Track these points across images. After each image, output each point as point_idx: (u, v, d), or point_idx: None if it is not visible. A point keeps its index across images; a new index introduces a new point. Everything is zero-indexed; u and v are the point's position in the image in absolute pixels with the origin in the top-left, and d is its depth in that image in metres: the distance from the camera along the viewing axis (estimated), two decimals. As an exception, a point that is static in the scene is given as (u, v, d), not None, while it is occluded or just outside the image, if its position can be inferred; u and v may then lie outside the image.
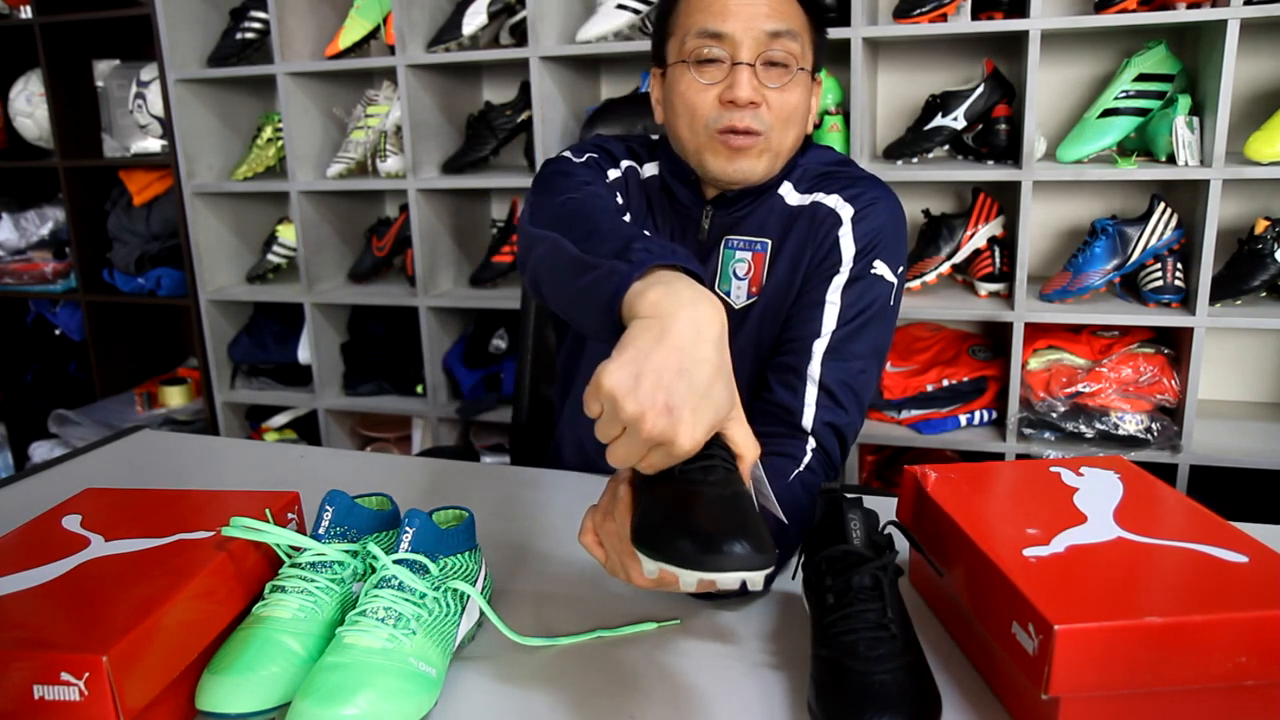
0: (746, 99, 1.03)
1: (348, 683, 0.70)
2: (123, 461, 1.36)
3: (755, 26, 1.03)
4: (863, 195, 1.12)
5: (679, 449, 0.66)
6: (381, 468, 1.33)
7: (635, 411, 0.65)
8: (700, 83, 1.06)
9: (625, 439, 0.67)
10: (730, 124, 1.05)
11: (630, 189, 1.18)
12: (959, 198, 2.23)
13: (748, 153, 1.07)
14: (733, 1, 1.04)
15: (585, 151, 1.17)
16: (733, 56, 1.04)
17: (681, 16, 1.08)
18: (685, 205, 1.15)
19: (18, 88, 2.81)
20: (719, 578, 0.63)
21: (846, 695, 0.69)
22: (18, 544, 0.84)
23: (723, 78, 1.05)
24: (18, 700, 0.65)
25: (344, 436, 2.66)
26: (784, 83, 1.06)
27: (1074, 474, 0.88)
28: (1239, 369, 2.17)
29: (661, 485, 0.70)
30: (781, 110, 1.06)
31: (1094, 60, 2.08)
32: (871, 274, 1.09)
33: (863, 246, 1.09)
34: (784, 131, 1.08)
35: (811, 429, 1.04)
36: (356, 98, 2.51)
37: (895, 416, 2.13)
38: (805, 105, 1.10)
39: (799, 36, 1.06)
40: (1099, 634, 0.63)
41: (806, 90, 1.10)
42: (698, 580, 0.63)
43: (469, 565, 0.84)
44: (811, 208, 1.12)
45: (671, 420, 0.65)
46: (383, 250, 2.52)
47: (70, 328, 3.00)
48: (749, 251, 1.13)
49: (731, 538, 0.63)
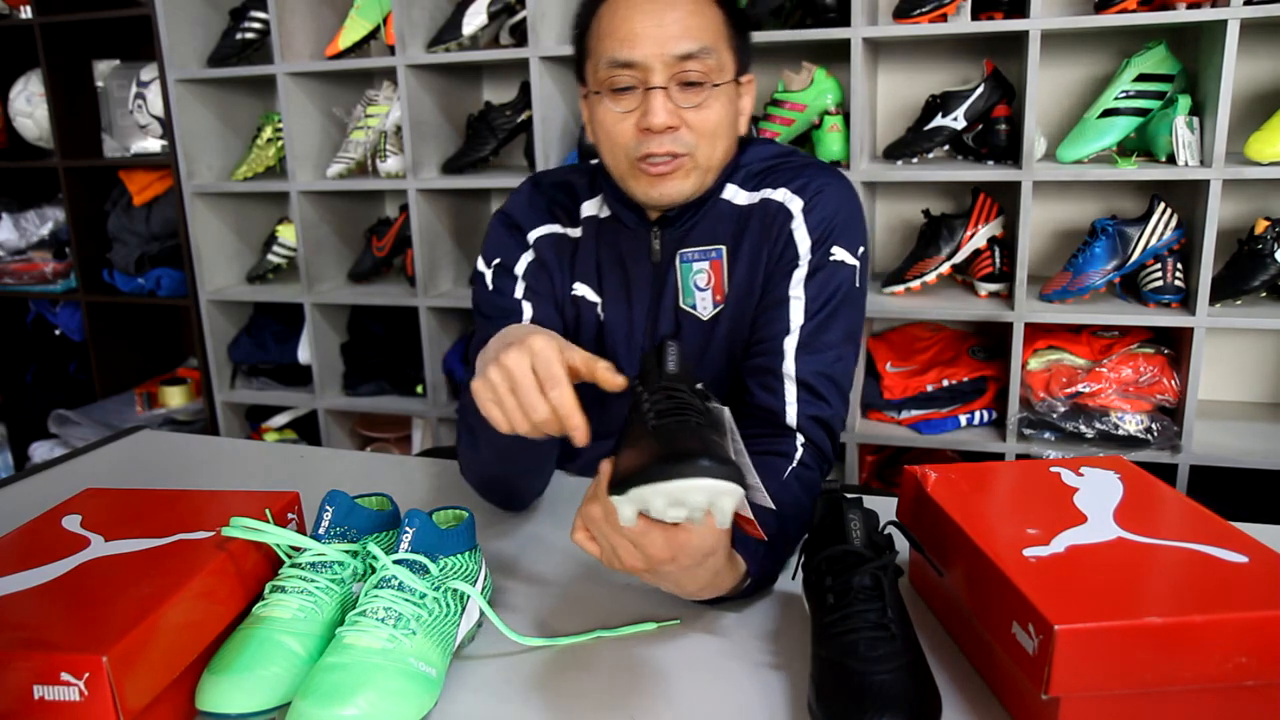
0: (662, 125, 1.01)
1: (348, 683, 0.70)
2: (123, 461, 1.36)
3: (664, 51, 1.01)
4: (810, 184, 1.11)
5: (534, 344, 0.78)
6: (381, 468, 1.33)
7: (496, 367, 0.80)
8: (616, 112, 1.04)
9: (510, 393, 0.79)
10: (649, 151, 1.03)
11: (548, 259, 1.17)
12: (959, 198, 2.23)
13: (672, 176, 1.05)
14: (640, 26, 1.01)
15: (494, 255, 1.17)
16: (645, 83, 1.02)
17: (594, 41, 1.06)
18: (633, 229, 1.14)
19: (18, 88, 2.81)
20: (684, 485, 0.64)
21: (846, 695, 0.69)
22: (18, 544, 0.84)
23: (637, 105, 1.03)
24: (18, 700, 0.65)
25: (344, 436, 2.66)
26: (700, 101, 1.03)
27: (1074, 474, 0.88)
28: (1239, 369, 2.17)
29: (634, 438, 0.71)
30: (703, 128, 1.04)
31: (1094, 60, 2.08)
32: (831, 261, 1.08)
33: (818, 236, 1.09)
34: (711, 147, 1.06)
35: (797, 425, 1.04)
36: (356, 98, 2.51)
37: (895, 416, 2.13)
38: (730, 115, 1.08)
39: (713, 52, 1.03)
40: (1099, 634, 0.63)
41: (729, 100, 1.07)
42: (666, 498, 0.65)
43: (469, 565, 0.84)
44: (761, 205, 1.12)
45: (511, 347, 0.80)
46: (383, 250, 2.52)
47: (70, 328, 3.00)
48: (705, 261, 1.12)
49: (696, 455, 0.64)
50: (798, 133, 2.13)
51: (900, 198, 2.28)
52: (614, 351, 1.16)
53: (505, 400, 0.79)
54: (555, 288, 1.17)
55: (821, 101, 2.07)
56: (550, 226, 1.18)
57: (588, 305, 1.16)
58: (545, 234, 1.18)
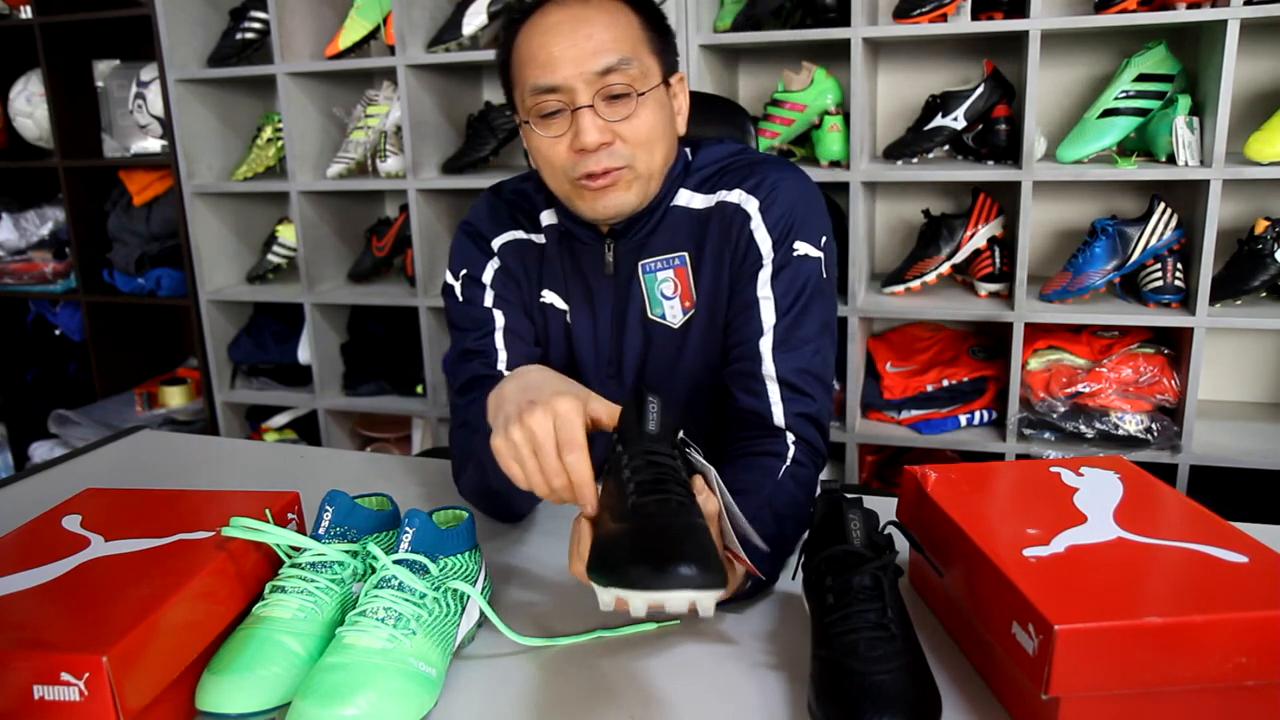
0: (594, 143, 1.00)
1: (348, 683, 0.70)
2: (123, 461, 1.36)
3: (584, 69, 0.99)
4: (764, 182, 1.10)
5: (559, 407, 0.77)
6: (381, 468, 1.33)
7: (516, 418, 0.78)
8: (548, 138, 1.03)
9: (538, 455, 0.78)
10: (586, 170, 1.02)
11: (513, 266, 1.16)
12: (959, 198, 2.23)
13: (614, 189, 1.04)
14: (556, 49, 1.00)
15: (461, 265, 1.17)
16: (571, 104, 1.01)
17: (516, 70, 1.06)
18: (586, 243, 1.14)
19: (18, 88, 2.81)
20: (666, 597, 0.64)
21: (846, 695, 0.69)
22: (18, 544, 0.84)
23: (568, 127, 1.02)
24: (18, 700, 0.65)
25: (344, 436, 2.66)
26: (630, 112, 1.02)
27: (1074, 474, 0.88)
28: (1239, 369, 2.17)
29: (614, 519, 0.72)
30: (636, 137, 1.03)
31: (1094, 60, 2.08)
32: (795, 257, 1.08)
33: (778, 235, 1.08)
34: (649, 154, 1.05)
35: (785, 424, 1.04)
36: (356, 98, 2.51)
37: (895, 416, 2.13)
38: (663, 119, 1.06)
39: (634, 61, 1.01)
40: (1099, 634, 0.63)
41: (660, 105, 1.05)
42: (646, 602, 0.65)
43: (469, 565, 0.84)
44: (718, 208, 1.11)
45: (537, 402, 0.78)
46: (383, 250, 2.52)
47: (70, 328, 3.00)
48: (669, 269, 1.12)
49: (679, 560, 0.64)
50: (798, 133, 2.13)
51: (900, 198, 2.28)
52: (582, 360, 1.16)
53: (527, 462, 0.78)
54: (524, 294, 1.17)
55: (821, 101, 2.07)
56: (513, 233, 1.17)
57: (555, 313, 1.16)
58: (509, 240, 1.17)
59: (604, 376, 1.16)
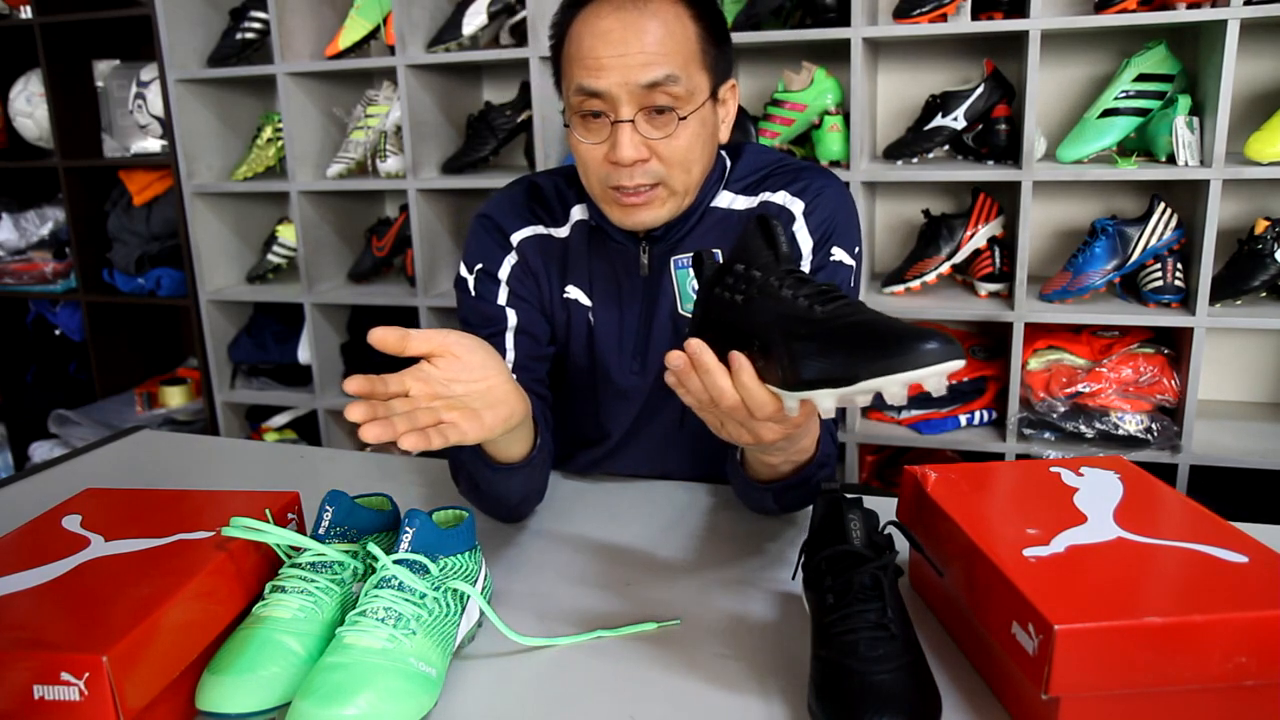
0: (630, 160, 1.00)
1: (348, 683, 0.70)
2: (123, 461, 1.36)
3: (630, 80, 0.97)
4: (809, 187, 1.12)
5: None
6: (381, 468, 1.33)
7: None
8: (586, 143, 1.03)
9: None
10: (619, 183, 1.02)
11: (533, 261, 1.15)
12: (959, 198, 2.23)
13: (646, 206, 1.04)
14: (605, 55, 0.98)
15: (476, 259, 1.15)
16: (613, 113, 1.00)
17: (565, 64, 1.04)
18: (621, 244, 1.13)
19: (18, 88, 2.81)
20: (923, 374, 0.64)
21: (846, 695, 0.69)
22: (18, 544, 0.84)
23: (606, 136, 1.01)
24: (18, 700, 0.65)
25: (344, 436, 2.65)
26: (670, 131, 1.01)
27: (1074, 474, 0.88)
28: (1239, 369, 2.17)
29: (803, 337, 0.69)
30: (673, 156, 1.02)
31: (1094, 60, 2.08)
32: (831, 261, 1.10)
33: (819, 237, 1.10)
34: (684, 173, 1.04)
35: None
36: (356, 98, 2.51)
37: (895, 416, 2.13)
38: (704, 137, 1.05)
39: (681, 79, 0.99)
40: (1099, 634, 0.63)
41: (704, 123, 1.04)
42: (904, 385, 0.64)
43: (469, 565, 0.84)
44: (761, 209, 1.11)
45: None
46: (383, 250, 2.52)
47: (70, 328, 3.00)
48: None
49: (918, 338, 0.64)
50: (798, 133, 2.13)
51: (900, 198, 2.28)
52: (604, 356, 1.16)
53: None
54: (542, 291, 1.16)
55: (821, 101, 2.07)
56: (534, 228, 1.16)
57: (579, 309, 1.16)
58: (529, 236, 1.16)
59: (627, 371, 1.16)
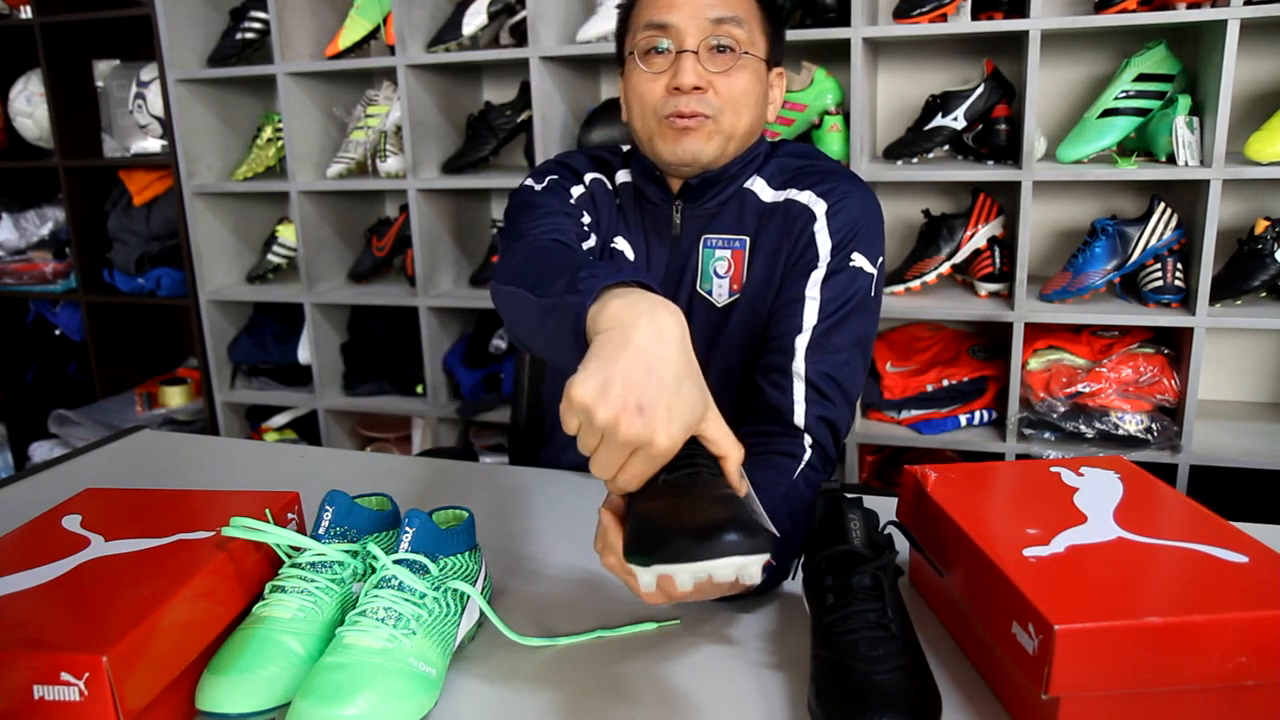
0: (690, 84, 1.07)
1: (348, 683, 0.70)
2: (123, 461, 1.36)
3: (699, 15, 1.07)
4: (835, 189, 1.13)
5: (657, 449, 0.66)
6: (381, 468, 1.33)
7: (609, 417, 0.65)
8: (649, 73, 1.10)
9: (604, 447, 0.67)
10: (676, 109, 1.09)
11: (599, 200, 1.20)
12: (959, 198, 2.23)
13: (695, 133, 1.09)
14: None
15: (547, 174, 1.19)
16: (678, 45, 1.08)
17: (634, 17, 1.13)
18: (655, 204, 1.18)
19: (18, 88, 2.81)
20: (712, 566, 0.62)
21: (846, 695, 0.69)
22: (18, 544, 0.84)
23: (669, 66, 1.09)
24: (18, 700, 0.65)
25: (344, 436, 2.66)
26: (729, 67, 1.09)
27: (1074, 474, 0.88)
28: (1239, 369, 2.17)
29: (647, 498, 0.69)
30: (729, 94, 1.09)
31: (1094, 60, 2.08)
32: (850, 266, 1.10)
33: (839, 240, 1.10)
34: (735, 115, 1.11)
35: (805, 425, 1.04)
36: (356, 98, 2.51)
37: (895, 416, 2.13)
38: (757, 91, 1.12)
39: (745, 23, 1.09)
40: (1099, 634, 0.63)
41: (757, 77, 1.12)
42: (693, 575, 0.63)
43: (469, 565, 0.84)
44: (785, 204, 1.14)
45: (645, 420, 0.65)
46: (383, 250, 2.52)
47: (70, 328, 3.00)
48: (728, 249, 1.15)
49: (722, 528, 0.62)
50: (798, 133, 2.13)
51: (900, 198, 2.28)
52: None
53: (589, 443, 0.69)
54: (601, 228, 1.19)
55: (821, 101, 2.07)
56: (598, 174, 1.22)
57: (624, 261, 1.18)
58: (596, 179, 1.22)
59: None
